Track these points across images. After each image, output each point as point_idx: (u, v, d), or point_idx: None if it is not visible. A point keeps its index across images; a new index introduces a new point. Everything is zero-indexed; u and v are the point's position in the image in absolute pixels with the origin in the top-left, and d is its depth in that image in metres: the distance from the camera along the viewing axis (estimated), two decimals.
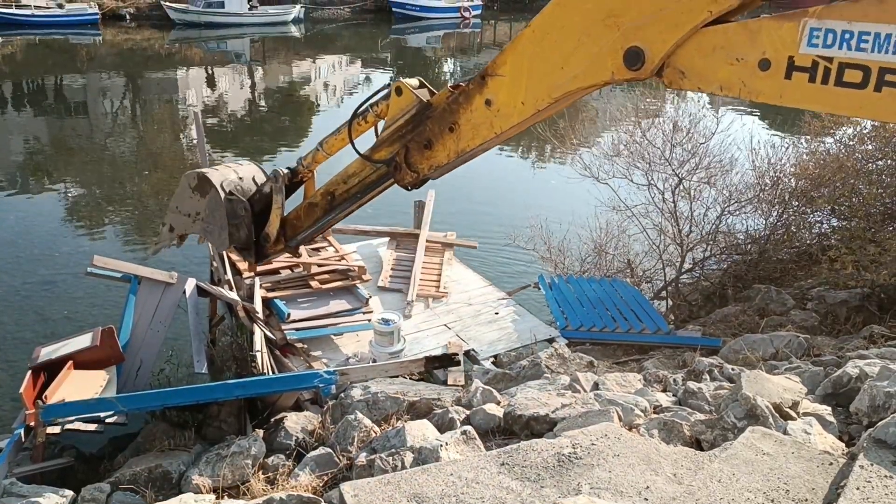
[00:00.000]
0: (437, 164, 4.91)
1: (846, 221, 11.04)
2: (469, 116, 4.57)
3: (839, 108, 3.28)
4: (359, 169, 5.44)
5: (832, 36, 3.16)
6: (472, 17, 58.73)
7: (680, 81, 3.67)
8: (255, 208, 6.00)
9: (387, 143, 5.12)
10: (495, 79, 4.38)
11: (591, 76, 3.94)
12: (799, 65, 3.27)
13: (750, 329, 9.62)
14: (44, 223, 16.80)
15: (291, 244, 6.10)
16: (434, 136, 4.81)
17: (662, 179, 12.66)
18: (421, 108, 4.90)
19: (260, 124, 29.16)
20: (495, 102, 4.40)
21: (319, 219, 5.84)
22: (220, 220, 5.95)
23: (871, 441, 3.85)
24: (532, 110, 4.26)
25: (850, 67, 3.14)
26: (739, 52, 3.42)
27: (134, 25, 48.61)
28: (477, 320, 10.29)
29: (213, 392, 6.51)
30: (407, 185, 5.16)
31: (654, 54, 3.65)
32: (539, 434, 4.96)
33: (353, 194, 5.55)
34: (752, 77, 3.42)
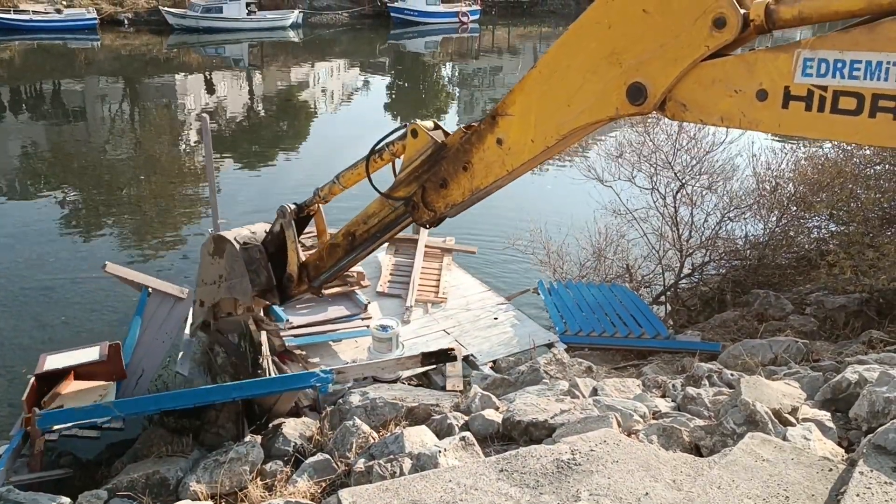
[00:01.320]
0: (452, 202, 5.12)
1: (845, 226, 11.05)
2: (482, 155, 4.75)
3: (836, 134, 3.39)
4: (378, 209, 5.67)
5: (825, 65, 3.26)
6: (470, 22, 58.81)
7: (682, 114, 3.81)
8: (269, 249, 6.27)
9: (404, 184, 5.33)
10: (505, 118, 4.54)
11: (597, 112, 4.09)
12: (795, 94, 3.38)
13: (749, 334, 9.62)
14: (42, 228, 16.78)
15: (315, 284, 6.33)
16: (449, 175, 5.02)
17: (664, 183, 12.66)
18: (436, 148, 5.12)
19: (258, 129, 29.17)
20: (506, 141, 4.58)
21: (341, 258, 6.08)
22: (239, 269, 6.19)
23: (871, 447, 3.84)
24: (541, 147, 4.42)
25: (845, 95, 3.24)
26: (738, 84, 3.54)
27: (132, 30, 48.66)
28: (476, 325, 10.27)
29: (209, 395, 6.49)
30: (425, 223, 5.40)
31: (656, 89, 3.80)
32: (538, 440, 4.95)
33: (373, 234, 5.79)
34: (751, 107, 3.53)
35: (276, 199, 18.94)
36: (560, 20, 64.59)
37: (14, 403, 9.76)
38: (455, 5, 59.22)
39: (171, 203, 19.43)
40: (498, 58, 52.15)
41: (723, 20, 3.48)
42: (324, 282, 6.35)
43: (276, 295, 6.43)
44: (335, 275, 6.28)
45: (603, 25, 3.91)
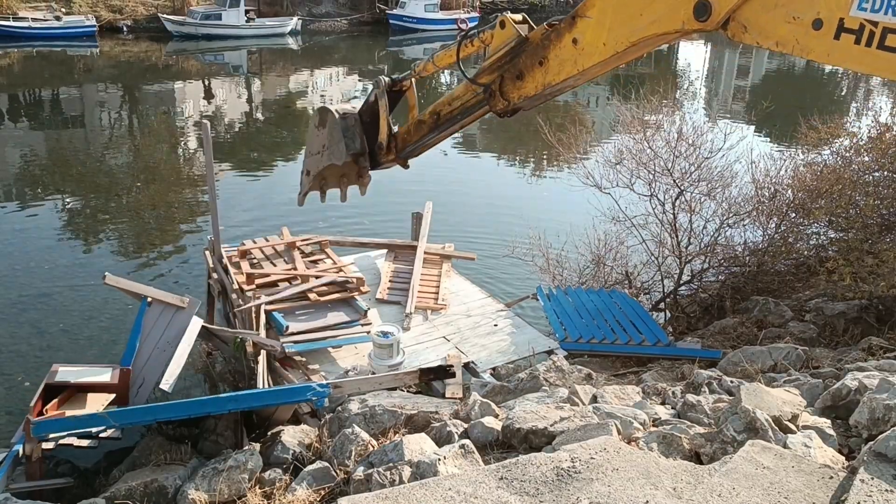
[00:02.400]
0: (525, 94, 5.40)
1: (844, 233, 11.04)
2: (557, 52, 5.03)
3: (879, 69, 3.56)
4: (462, 93, 6.03)
5: (880, 1, 3.42)
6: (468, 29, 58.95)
7: (742, 35, 4.03)
8: (364, 118, 6.74)
9: (487, 71, 5.67)
10: (583, 20, 4.80)
11: (665, 24, 4.35)
12: (848, 27, 3.56)
13: (748, 341, 9.60)
14: (40, 235, 16.78)
15: (402, 155, 6.78)
16: (526, 68, 5.31)
17: (663, 190, 12.66)
18: (519, 41, 5.41)
19: (257, 136, 29.19)
20: (581, 41, 4.84)
21: (426, 135, 6.50)
22: (336, 135, 6.67)
23: (872, 454, 3.83)
24: (612, 51, 4.67)
25: (893, 32, 3.40)
26: (797, 11, 3.74)
27: (131, 37, 48.71)
28: (476, 332, 10.26)
29: (205, 406, 6.47)
30: (499, 111, 5.72)
31: (720, 7, 4.02)
32: (538, 448, 4.94)
33: (455, 115, 6.18)
34: (806, 35, 3.73)
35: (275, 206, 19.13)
36: None
37: (12, 411, 9.75)
38: (454, 12, 59.30)
39: (169, 210, 19.43)
40: None
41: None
42: (409, 154, 6.76)
43: (368, 160, 6.85)
44: (420, 150, 6.70)
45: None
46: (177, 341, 8.66)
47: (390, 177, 6.13)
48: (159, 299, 8.96)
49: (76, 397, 8.01)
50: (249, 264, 11.20)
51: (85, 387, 8.13)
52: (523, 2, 65.47)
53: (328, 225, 16.77)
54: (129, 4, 50.62)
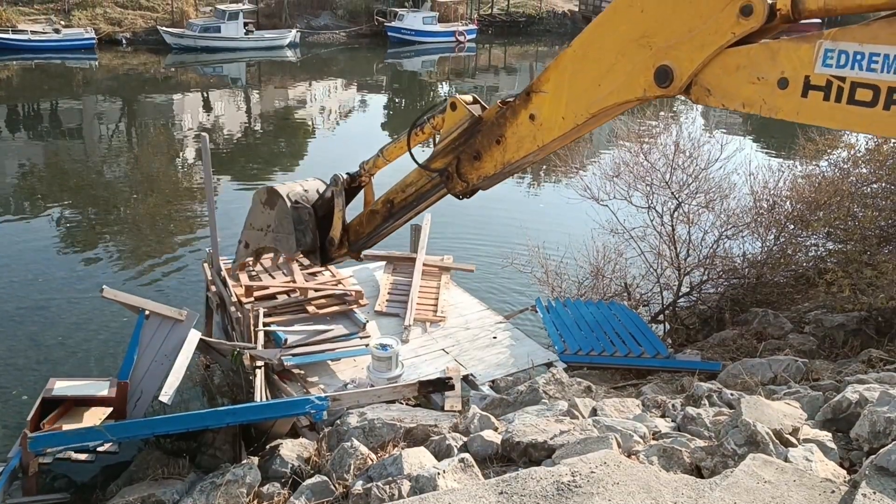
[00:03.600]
0: (484, 174, 5.30)
1: (842, 245, 11.04)
2: (515, 130, 4.93)
3: (851, 125, 3.49)
4: (416, 178, 5.92)
5: (845, 56, 3.38)
6: (466, 41, 59.10)
7: (706, 98, 3.94)
8: (318, 213, 6.58)
9: (441, 155, 5.55)
10: (539, 95, 4.71)
11: (626, 92, 4.24)
12: (814, 84, 3.49)
13: (748, 353, 9.58)
14: (38, 247, 16.74)
15: (354, 249, 6.64)
16: (483, 148, 5.20)
17: (661, 202, 12.67)
18: (473, 122, 5.32)
19: (255, 147, 29.21)
20: (538, 117, 4.75)
21: (380, 225, 6.36)
22: (287, 227, 6.52)
23: (873, 468, 3.81)
24: (571, 124, 4.57)
25: (862, 87, 3.35)
26: (760, 72, 3.67)
27: (130, 50, 48.81)
28: (475, 344, 10.23)
29: (203, 419, 6.44)
30: (458, 193, 5.61)
31: (682, 72, 3.94)
32: (537, 461, 4.91)
33: (410, 202, 6.04)
34: (772, 95, 3.65)
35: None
36: (556, 39, 64.99)
37: (9, 425, 9.70)
38: (452, 25, 59.52)
39: (168, 222, 19.42)
40: (494, 76, 52.42)
41: (749, 8, 3.61)
42: (362, 247, 6.63)
43: (318, 257, 6.73)
44: (373, 241, 6.58)
45: (636, 9, 4.06)
46: (174, 354, 8.63)
47: (388, 187, 6.02)
48: (157, 312, 8.93)
49: (73, 411, 7.97)
50: (248, 276, 11.18)
51: (82, 401, 8.09)
52: (521, 14, 65.82)
53: None
54: (128, 17, 50.78)
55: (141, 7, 51.90)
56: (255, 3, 54.78)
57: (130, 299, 9.21)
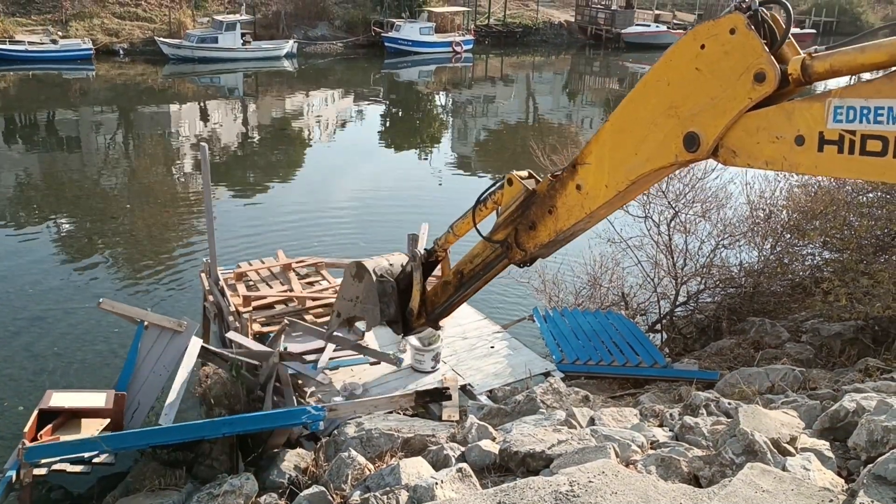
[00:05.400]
0: (540, 242, 5.67)
1: (839, 254, 11.06)
2: (564, 200, 5.32)
3: (865, 174, 3.79)
4: (481, 250, 6.28)
5: (853, 112, 3.65)
6: (463, 52, 59.25)
7: (733, 159, 4.26)
8: (400, 286, 7.03)
9: (502, 227, 5.95)
10: (584, 166, 5.10)
11: (659, 159, 4.59)
12: (828, 138, 3.75)
13: (745, 362, 9.59)
14: (35, 258, 16.72)
15: (431, 318, 7.02)
16: (537, 218, 5.60)
17: (658, 212, 12.69)
18: (527, 195, 5.70)
19: (253, 158, 29.24)
20: (584, 186, 5.13)
21: (452, 295, 6.75)
22: (373, 299, 7.01)
23: (871, 477, 3.81)
24: (614, 192, 4.92)
25: (871, 138, 3.61)
26: (779, 131, 3.95)
27: (127, 60, 48.86)
28: (472, 354, 10.22)
29: (200, 430, 6.42)
30: (518, 262, 6.04)
31: (708, 137, 4.26)
32: (535, 471, 4.91)
33: (477, 272, 6.41)
34: (791, 152, 3.92)
35: (270, 228, 19.11)
36: (552, 49, 65.25)
37: (4, 436, 9.66)
38: (449, 35, 59.67)
39: (165, 232, 19.42)
40: (491, 86, 52.54)
41: (763, 75, 3.91)
42: (439, 316, 7.01)
43: (401, 327, 7.16)
44: (448, 310, 6.95)
45: (663, 83, 4.42)
46: (173, 365, 8.61)
47: (385, 198, 6.12)
48: (156, 323, 8.91)
49: (70, 423, 7.94)
50: (245, 286, 11.17)
51: (79, 412, 8.06)
52: (517, 25, 66.06)
53: (323, 247, 16.77)
54: (126, 28, 50.87)
55: (138, 18, 52.01)
56: (253, 13, 54.90)
57: (128, 310, 9.20)
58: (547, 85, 54.02)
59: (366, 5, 60.40)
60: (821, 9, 76.29)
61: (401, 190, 23.70)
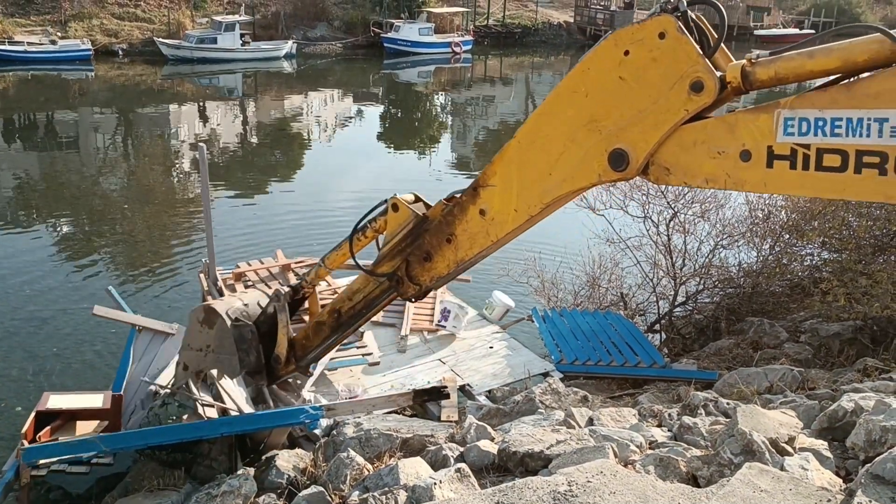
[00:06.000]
0: (437, 275, 5.07)
1: (837, 254, 11.08)
2: (465, 227, 4.74)
3: (823, 192, 3.42)
4: (362, 285, 5.64)
5: (806, 124, 3.29)
6: (462, 52, 59.27)
7: (666, 178, 3.83)
8: (261, 330, 6.21)
9: (388, 258, 5.29)
10: (487, 189, 4.55)
11: (579, 180, 4.12)
12: (779, 153, 3.40)
13: (744, 362, 9.60)
14: (34, 259, 16.70)
15: (302, 364, 6.30)
16: (433, 248, 4.98)
17: (657, 212, 12.70)
18: (418, 221, 5.11)
19: (252, 158, 29.23)
20: (489, 211, 4.58)
21: (328, 337, 6.03)
22: (229, 347, 6.16)
23: (869, 477, 3.81)
24: (525, 216, 4.43)
25: (829, 152, 3.26)
26: (720, 146, 3.56)
27: (127, 61, 48.86)
28: (471, 354, 10.23)
29: (197, 430, 6.41)
30: (410, 297, 5.32)
31: (637, 154, 3.81)
32: (534, 471, 4.91)
33: (359, 310, 5.75)
34: (735, 168, 3.54)
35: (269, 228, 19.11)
36: (551, 50, 65.24)
37: (3, 437, 9.66)
38: (448, 36, 59.69)
39: (164, 233, 19.41)
40: (490, 87, 52.57)
41: (700, 84, 3.52)
42: (311, 360, 6.33)
43: (265, 377, 6.36)
44: (322, 354, 6.28)
45: (580, 94, 3.95)
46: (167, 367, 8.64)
47: (384, 198, 5.93)
48: (148, 327, 8.96)
49: (69, 425, 7.94)
50: (244, 287, 11.17)
51: (77, 414, 8.07)
52: (516, 26, 66.07)
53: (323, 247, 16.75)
54: (125, 28, 50.87)
55: (138, 19, 52.01)
56: (252, 14, 54.91)
57: (121, 316, 9.23)
58: (546, 86, 54.00)
59: (365, 6, 60.41)
60: (819, 9, 76.38)
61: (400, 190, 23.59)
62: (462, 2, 64.59)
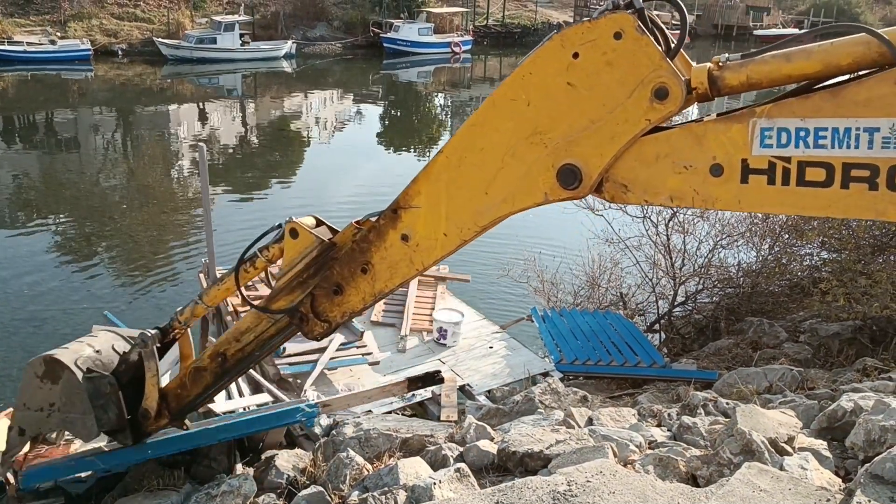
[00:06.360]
0: (350, 310, 4.37)
1: (837, 254, 11.08)
2: (384, 255, 4.10)
3: (806, 209, 3.06)
4: (253, 324, 4.84)
5: (786, 135, 2.96)
6: (462, 53, 59.30)
7: (623, 196, 3.38)
8: (122, 381, 5.20)
9: (286, 292, 4.58)
10: (410, 211, 3.95)
11: (521, 199, 3.65)
12: (755, 167, 3.04)
13: (743, 362, 9.60)
14: (33, 258, 16.71)
15: (177, 417, 5.41)
16: (344, 279, 4.28)
17: (656, 212, 12.71)
18: (323, 249, 4.40)
19: (251, 158, 29.23)
20: (413, 237, 3.97)
21: (210, 385, 5.15)
22: (81, 405, 5.15)
23: (868, 476, 3.82)
24: (457, 241, 3.90)
25: (812, 165, 2.94)
26: (686, 159, 3.17)
27: (126, 61, 48.87)
28: (471, 354, 10.24)
29: (195, 439, 6.39)
30: (317, 336, 4.57)
31: (591, 170, 3.36)
32: (533, 471, 4.91)
33: (249, 353, 4.90)
34: (705, 184, 3.16)
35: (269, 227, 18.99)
36: None
37: None
38: (447, 36, 59.71)
39: (163, 232, 19.42)
40: (490, 87, 52.52)
41: (664, 90, 3.10)
42: (187, 412, 5.41)
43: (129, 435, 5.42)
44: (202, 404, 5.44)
45: (520, 102, 3.43)
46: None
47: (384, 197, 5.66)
48: None
49: None
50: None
51: None
52: (516, 26, 66.10)
53: None
54: (125, 28, 50.89)
55: (137, 19, 52.02)
56: (252, 14, 54.93)
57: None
58: None
59: (364, 6, 60.45)
60: (819, 9, 76.45)
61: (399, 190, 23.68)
62: (461, 2, 64.61)
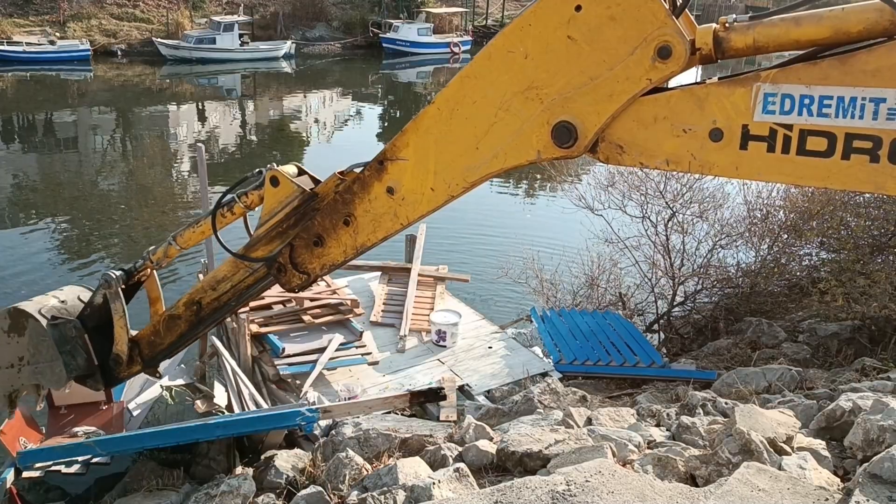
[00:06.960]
0: (330, 262, 4.27)
1: (835, 254, 11.10)
2: (368, 207, 3.99)
3: (804, 178, 2.99)
4: (230, 272, 4.74)
5: (790, 101, 2.89)
6: (461, 53, 59.26)
7: (619, 157, 3.30)
8: (88, 325, 5.10)
9: (264, 241, 4.46)
10: (396, 163, 3.82)
11: (514, 156, 3.51)
12: (755, 133, 2.97)
13: (742, 362, 9.61)
14: (32, 258, 16.71)
15: (150, 364, 5.29)
16: (325, 231, 4.18)
17: (656, 212, 12.73)
18: (304, 198, 4.29)
19: (251, 158, 29.23)
20: (399, 190, 3.86)
21: (184, 333, 5.06)
22: (47, 352, 5.04)
23: (867, 476, 3.82)
24: (444, 197, 3.80)
25: (814, 134, 2.87)
26: (686, 123, 3.09)
27: (125, 61, 48.85)
28: (470, 355, 10.24)
29: (193, 433, 6.40)
30: (294, 287, 4.46)
31: (587, 129, 3.27)
32: (532, 471, 4.91)
33: (225, 302, 4.81)
34: (703, 149, 3.08)
35: None
36: None
37: None
38: (446, 36, 59.70)
39: (162, 233, 19.37)
40: None
41: (668, 49, 2.99)
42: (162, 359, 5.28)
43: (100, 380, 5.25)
44: (177, 350, 5.30)
45: (518, 55, 3.31)
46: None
47: None
48: None
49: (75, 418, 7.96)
50: None
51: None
52: None
53: None
54: (124, 28, 50.87)
55: (136, 19, 52.00)
56: (251, 14, 54.90)
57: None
58: None
59: (364, 6, 60.44)
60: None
61: None
62: (461, 2, 64.59)
